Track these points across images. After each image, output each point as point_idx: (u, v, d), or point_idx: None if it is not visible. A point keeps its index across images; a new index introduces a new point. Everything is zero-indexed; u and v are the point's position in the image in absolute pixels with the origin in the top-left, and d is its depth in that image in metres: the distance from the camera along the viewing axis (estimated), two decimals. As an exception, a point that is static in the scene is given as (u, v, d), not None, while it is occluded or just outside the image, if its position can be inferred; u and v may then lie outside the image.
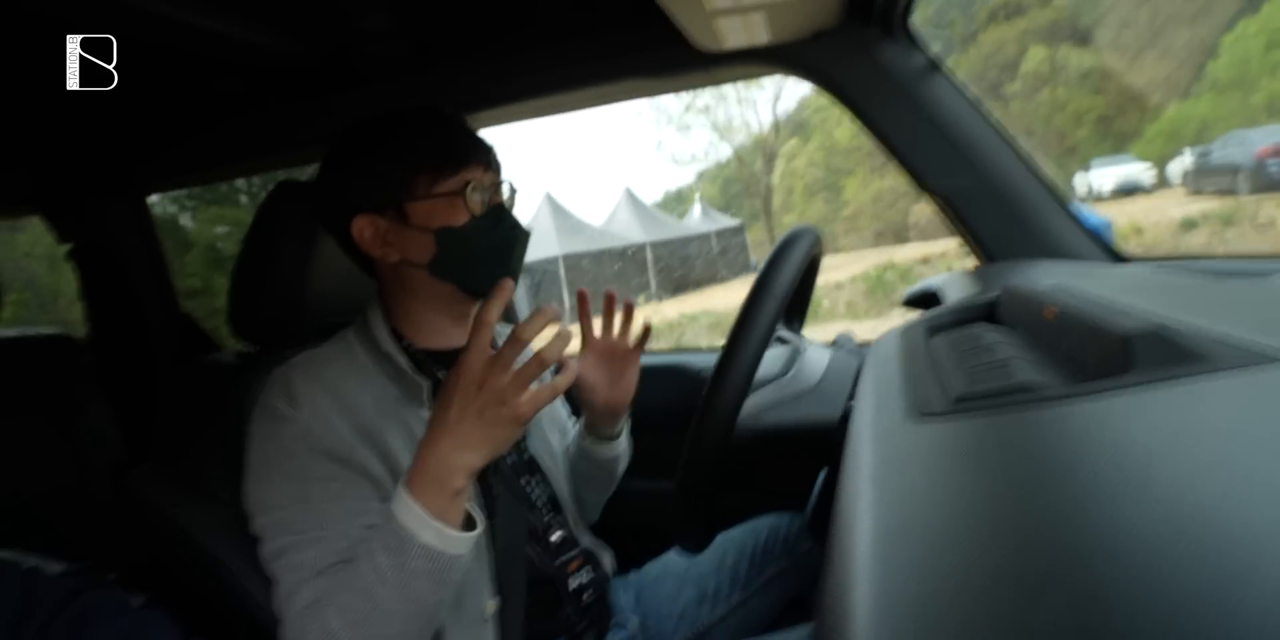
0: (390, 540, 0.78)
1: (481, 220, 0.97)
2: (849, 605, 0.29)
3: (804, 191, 14.55)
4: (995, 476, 0.34)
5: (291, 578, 0.84)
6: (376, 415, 0.93)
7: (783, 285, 0.82)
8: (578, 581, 1.08)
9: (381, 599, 0.77)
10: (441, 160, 0.96)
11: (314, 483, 0.87)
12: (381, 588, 0.77)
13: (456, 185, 0.96)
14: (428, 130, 0.98)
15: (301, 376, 0.93)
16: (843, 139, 14.11)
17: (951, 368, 0.59)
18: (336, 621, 0.78)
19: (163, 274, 2.27)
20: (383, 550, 0.78)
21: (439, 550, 0.78)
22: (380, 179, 0.97)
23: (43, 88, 1.32)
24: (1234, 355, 0.41)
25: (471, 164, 0.98)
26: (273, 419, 0.91)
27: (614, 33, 1.38)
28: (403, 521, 0.77)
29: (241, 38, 1.29)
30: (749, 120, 14.74)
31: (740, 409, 0.80)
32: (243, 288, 1.13)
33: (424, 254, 0.97)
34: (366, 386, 0.96)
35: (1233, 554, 0.22)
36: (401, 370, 0.98)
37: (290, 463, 0.88)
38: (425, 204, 0.96)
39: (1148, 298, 0.63)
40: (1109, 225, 1.26)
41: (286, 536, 0.86)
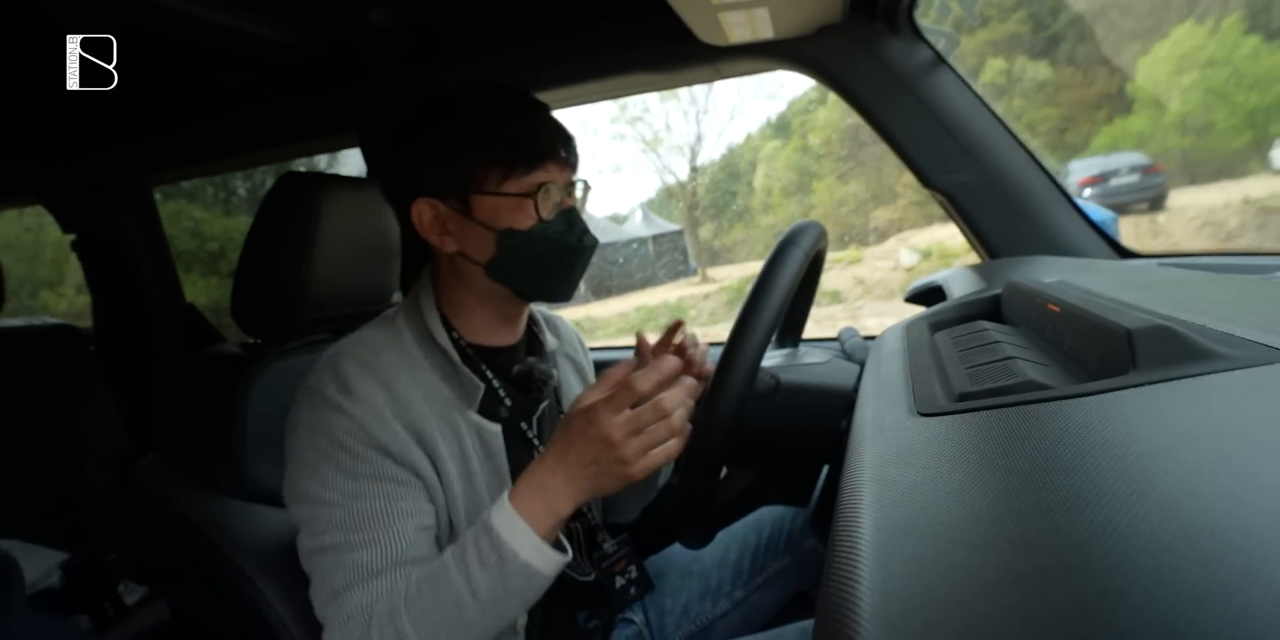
0: (489, 555, 0.76)
1: (550, 225, 0.92)
2: (851, 601, 0.29)
3: (780, 193, 14.73)
4: (998, 473, 0.34)
5: (342, 577, 0.81)
6: (427, 414, 0.89)
7: (785, 278, 0.82)
8: (624, 580, 1.07)
9: (468, 611, 0.76)
10: (518, 156, 0.90)
11: (367, 480, 0.83)
12: (472, 601, 0.76)
13: (529, 186, 0.91)
14: (509, 118, 0.91)
15: (355, 367, 0.88)
16: (817, 143, 14.32)
17: (954, 364, 0.59)
18: (411, 629, 0.76)
19: (167, 265, 2.27)
20: (479, 563, 0.77)
21: (537, 570, 0.77)
22: (450, 164, 0.92)
23: (48, 78, 1.32)
24: (1237, 353, 0.41)
25: (548, 162, 0.92)
26: (325, 408, 0.86)
27: (618, 27, 1.37)
28: (506, 538, 0.76)
29: (246, 30, 1.28)
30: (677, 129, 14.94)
31: (743, 404, 0.80)
32: (245, 279, 1.13)
33: (483, 252, 0.93)
34: (417, 382, 0.91)
35: (1236, 551, 0.22)
36: (456, 367, 0.94)
37: (344, 457, 0.84)
38: (493, 200, 0.91)
39: (1151, 294, 0.63)
40: (1115, 219, 1.24)
41: (337, 533, 0.82)
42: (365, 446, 0.84)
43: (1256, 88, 8.53)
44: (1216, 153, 8.65)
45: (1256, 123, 8.41)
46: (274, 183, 1.14)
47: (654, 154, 14.88)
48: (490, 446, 0.95)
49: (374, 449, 0.84)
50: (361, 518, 0.82)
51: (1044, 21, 11.16)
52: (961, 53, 1.26)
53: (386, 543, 0.82)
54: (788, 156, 14.99)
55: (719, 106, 17.36)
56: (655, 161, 15.24)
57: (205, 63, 1.51)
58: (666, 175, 14.93)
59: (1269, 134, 8.23)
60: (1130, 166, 9.24)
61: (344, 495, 0.83)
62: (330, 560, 0.82)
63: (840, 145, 13.83)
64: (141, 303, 2.23)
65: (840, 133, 13.86)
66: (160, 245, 2.27)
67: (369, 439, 0.84)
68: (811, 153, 14.48)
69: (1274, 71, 8.60)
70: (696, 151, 14.49)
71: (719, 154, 17.69)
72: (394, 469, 0.85)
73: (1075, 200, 1.26)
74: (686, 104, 14.48)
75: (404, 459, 0.86)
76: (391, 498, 0.84)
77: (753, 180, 15.54)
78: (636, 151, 15.06)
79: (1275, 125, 8.29)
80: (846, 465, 0.47)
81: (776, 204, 14.54)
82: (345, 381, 0.86)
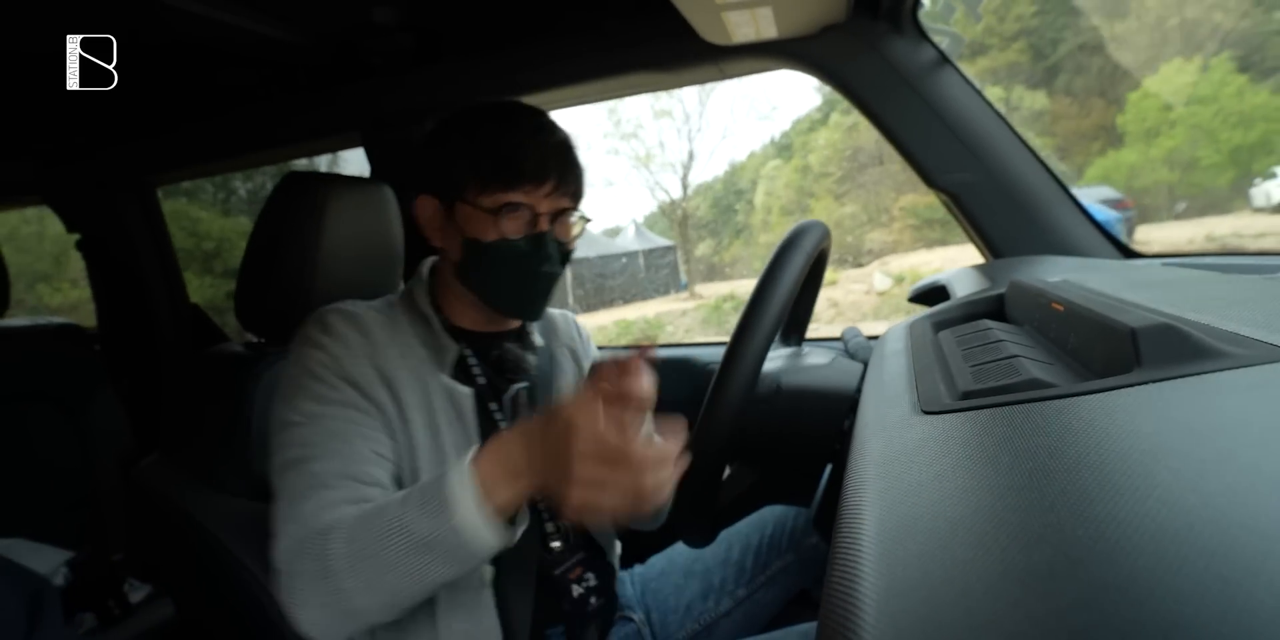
0: (432, 502, 0.76)
1: (512, 244, 0.96)
2: (855, 600, 0.29)
3: (780, 211, 14.87)
4: (1001, 471, 0.34)
5: (300, 483, 0.84)
6: (399, 366, 0.95)
7: (789, 277, 0.82)
8: (581, 588, 1.05)
9: (391, 550, 0.76)
10: (494, 174, 0.94)
11: (333, 404, 0.89)
12: (399, 540, 0.76)
13: (495, 203, 0.94)
14: (502, 137, 0.95)
15: (338, 315, 0.97)
16: (817, 163, 14.45)
17: (958, 363, 0.59)
18: (339, 549, 0.76)
19: (171, 265, 2.27)
20: (419, 506, 0.77)
21: (469, 532, 0.75)
22: (443, 169, 0.98)
23: (52, 78, 1.33)
24: (1241, 351, 0.41)
25: (527, 185, 0.94)
26: (305, 345, 0.94)
27: (622, 26, 1.37)
28: (454, 490, 0.76)
29: (250, 29, 1.29)
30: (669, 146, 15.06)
31: (745, 404, 0.80)
32: (250, 278, 1.13)
33: (455, 254, 1.00)
34: (395, 340, 0.97)
35: (1240, 548, 0.22)
36: (435, 333, 1.01)
37: (314, 385, 0.90)
38: (467, 209, 0.96)
39: (1155, 293, 0.63)
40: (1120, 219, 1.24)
41: (300, 448, 0.87)
42: (334, 376, 0.91)
43: (1241, 126, 8.78)
44: (1202, 188, 8.90)
45: (1239, 160, 8.66)
46: (278, 182, 1.14)
47: (646, 171, 14.94)
48: (460, 408, 0.98)
49: (342, 379, 0.91)
50: (321, 434, 0.87)
51: (1044, 52, 11.38)
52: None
53: (342, 458, 0.86)
54: (787, 176, 15.18)
55: (711, 125, 17.40)
56: (647, 178, 15.31)
57: (209, 62, 1.51)
58: (658, 192, 15.03)
59: (1252, 172, 8.44)
60: (1101, 200, 9.73)
61: (309, 417, 0.88)
62: (290, 474, 0.86)
63: (838, 166, 13.95)
64: (146, 302, 2.23)
65: (839, 154, 13.99)
66: (165, 245, 2.28)
67: (339, 370, 0.91)
68: (811, 173, 14.64)
69: (1258, 110, 8.84)
70: (688, 169, 14.69)
71: (721, 170, 17.81)
72: (358, 399, 0.91)
73: (1079, 200, 1.26)
74: (680, 122, 14.70)
75: (369, 393, 0.91)
76: (352, 422, 0.89)
77: (754, 198, 15.72)
78: (630, 167, 15.14)
79: (1258, 163, 8.48)
80: (850, 463, 0.47)
81: (776, 222, 14.72)
82: (326, 324, 0.95)
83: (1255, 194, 8.08)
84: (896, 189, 12.84)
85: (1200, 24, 9.91)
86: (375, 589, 0.77)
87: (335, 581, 0.76)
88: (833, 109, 14.72)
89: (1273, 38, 9.09)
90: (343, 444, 0.87)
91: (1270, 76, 8.86)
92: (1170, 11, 10.19)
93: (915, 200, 12.20)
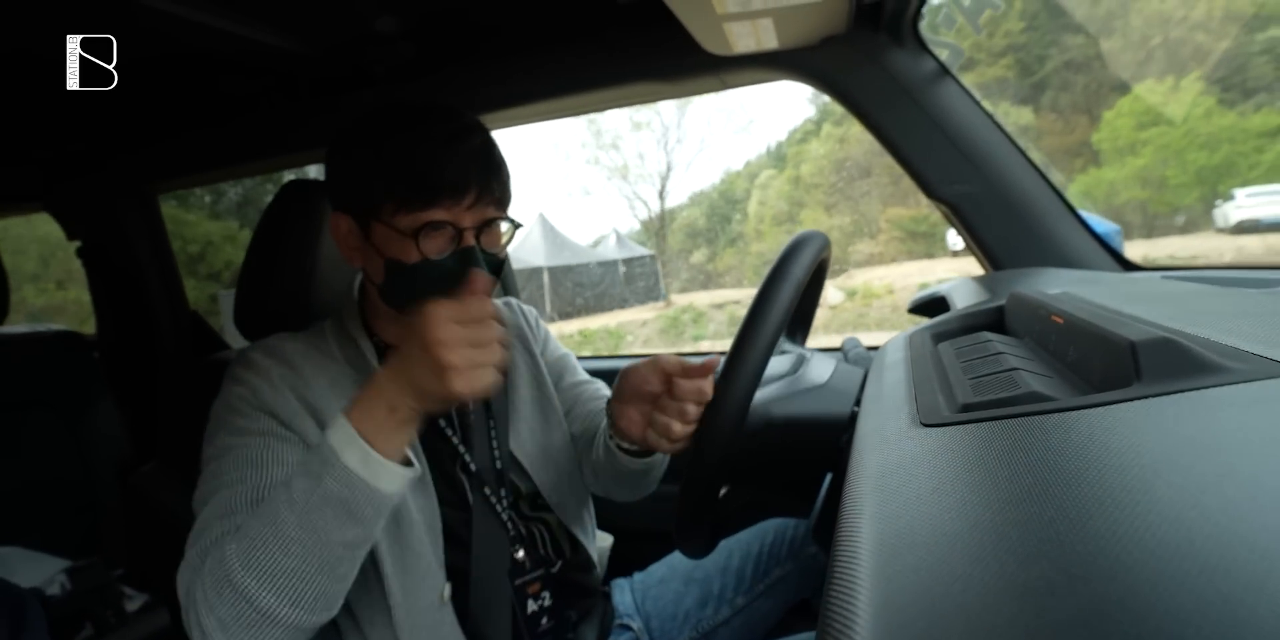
0: (313, 463, 0.74)
1: (437, 264, 0.89)
2: (853, 613, 0.29)
3: (772, 221, 15.01)
4: (1000, 485, 0.34)
5: (206, 514, 0.81)
6: (328, 396, 0.92)
7: (789, 288, 0.82)
8: (535, 605, 1.01)
9: (284, 525, 0.72)
10: (409, 192, 0.86)
11: (251, 435, 0.87)
12: (288, 511, 0.72)
13: (414, 223, 0.87)
14: (414, 148, 0.87)
15: (261, 351, 0.95)
16: (808, 174, 14.62)
17: (957, 375, 0.59)
18: (232, 548, 0.72)
19: (171, 272, 2.27)
20: (302, 474, 0.74)
21: (359, 475, 0.73)
22: (352, 186, 0.92)
23: (52, 85, 1.33)
24: (1241, 366, 0.41)
25: (446, 201, 0.87)
26: (228, 383, 0.93)
27: (623, 36, 1.38)
28: (331, 440, 0.74)
29: (251, 37, 1.29)
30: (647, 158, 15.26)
31: (746, 412, 0.80)
32: (249, 286, 1.13)
33: (377, 275, 0.94)
34: (324, 369, 0.95)
35: (1241, 564, 0.22)
36: (364, 359, 0.98)
37: (234, 418, 0.88)
38: (383, 230, 0.89)
39: (1155, 307, 0.63)
40: (1119, 232, 1.24)
41: (212, 480, 0.84)
42: (254, 409, 0.89)
43: (1206, 147, 9.05)
44: (1171, 207, 9.14)
45: (1205, 180, 8.92)
46: (278, 191, 1.14)
47: (624, 181, 15.07)
48: None
49: (261, 411, 0.89)
50: (235, 461, 0.85)
51: (1031, 68, 11.61)
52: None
53: (251, 483, 0.83)
54: (780, 186, 15.33)
55: (690, 137, 17.60)
56: (626, 189, 15.43)
57: (210, 70, 1.52)
58: (636, 202, 15.15)
59: (1216, 192, 8.68)
60: None
61: (226, 449, 0.86)
62: (204, 511, 0.82)
63: (828, 178, 14.07)
64: (146, 309, 2.23)
65: (830, 165, 14.10)
66: (165, 252, 2.28)
67: (259, 403, 0.89)
68: (802, 184, 14.78)
69: (1224, 132, 9.10)
70: (665, 180, 14.84)
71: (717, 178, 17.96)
72: (277, 428, 0.89)
73: (1078, 212, 1.26)
74: (659, 133, 14.83)
75: (291, 424, 0.89)
76: (270, 448, 0.86)
77: (748, 207, 15.86)
78: (609, 177, 15.26)
79: (1222, 184, 8.69)
80: (849, 475, 0.47)
81: (768, 232, 14.86)
82: (249, 360, 0.94)
83: (1217, 215, 8.24)
84: (884, 201, 13.06)
85: (1183, 43, 10.14)
86: (277, 577, 0.72)
87: (236, 583, 0.71)
88: (825, 119, 14.89)
89: (1254, 58, 9.29)
90: (255, 471, 0.84)
91: (1252, 97, 9.09)
92: (1154, 31, 10.42)
93: (901, 213, 12.45)
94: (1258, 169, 8.70)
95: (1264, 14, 9.34)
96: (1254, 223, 7.58)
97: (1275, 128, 8.92)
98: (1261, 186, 8.31)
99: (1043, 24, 11.60)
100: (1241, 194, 8.03)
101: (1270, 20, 9.26)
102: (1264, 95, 9.01)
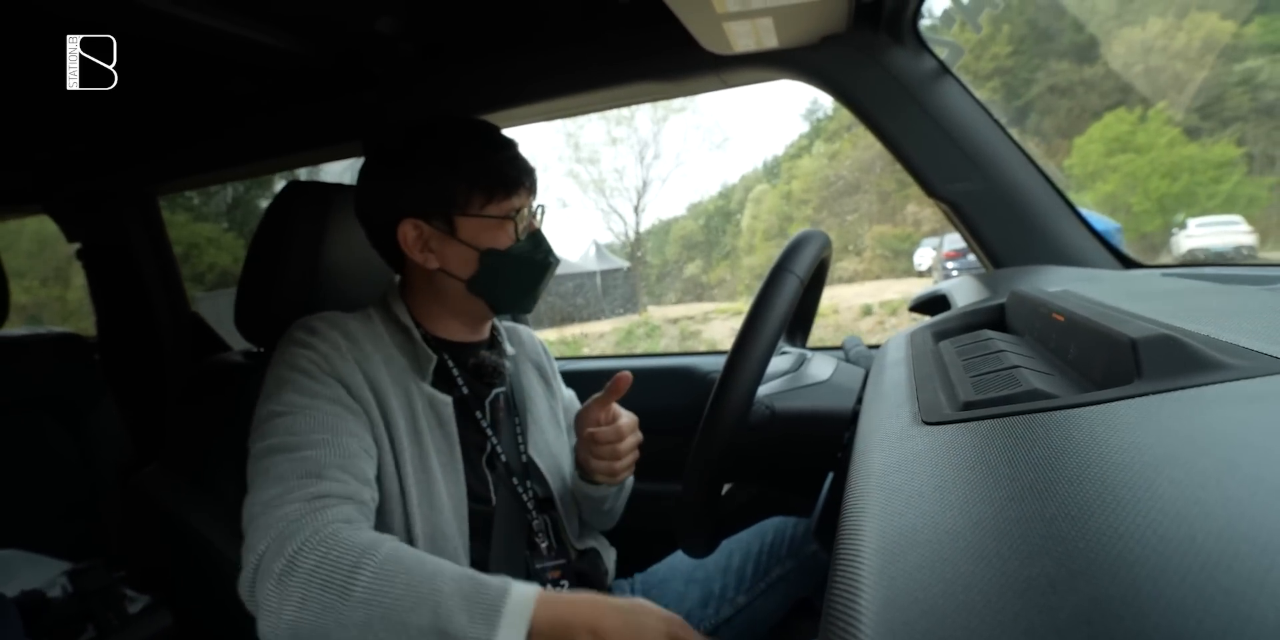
0: (479, 607, 0.73)
1: (523, 245, 1.04)
2: (855, 612, 0.29)
3: (763, 235, 15.22)
4: (1002, 482, 0.34)
5: (292, 468, 0.82)
6: (384, 374, 0.97)
7: (791, 283, 0.82)
8: (557, 591, 1.04)
9: (407, 616, 0.72)
10: (499, 183, 1.01)
11: (321, 399, 0.90)
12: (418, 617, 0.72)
13: (508, 209, 1.02)
14: (489, 150, 1.02)
15: (323, 321, 0.99)
16: (798, 190, 14.80)
17: (958, 373, 0.59)
18: (366, 578, 0.73)
19: (172, 274, 2.27)
20: (463, 602, 0.73)
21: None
22: (436, 188, 1.01)
23: (52, 87, 1.33)
24: (1242, 363, 0.41)
25: (522, 190, 1.03)
26: (291, 346, 0.95)
27: (623, 36, 1.38)
28: (510, 610, 0.73)
29: (252, 39, 1.29)
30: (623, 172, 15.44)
31: (748, 413, 0.80)
32: (251, 288, 1.13)
33: (465, 269, 1.02)
34: (378, 347, 0.99)
35: (1242, 560, 0.22)
36: (415, 342, 1.02)
37: (302, 379, 0.91)
38: (476, 221, 1.01)
39: (1155, 304, 0.63)
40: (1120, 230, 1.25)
41: (287, 436, 0.85)
42: (323, 373, 0.92)
43: (1168, 176, 9.41)
44: (1137, 234, 9.37)
45: (1167, 208, 9.25)
46: (280, 192, 1.14)
47: (600, 195, 15.19)
48: (441, 415, 1.01)
49: (331, 376, 0.92)
50: (311, 423, 0.87)
51: (1017, 91, 11.88)
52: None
53: (334, 449, 0.85)
54: (772, 200, 15.51)
55: (665, 154, 17.69)
56: (602, 202, 15.55)
57: (210, 71, 1.52)
58: (612, 216, 15.24)
59: (1175, 221, 9.00)
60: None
61: (298, 408, 0.88)
62: (278, 459, 0.84)
63: (817, 194, 14.19)
64: (146, 311, 2.23)
65: (819, 182, 14.24)
66: (165, 254, 2.28)
67: (329, 368, 0.92)
68: (793, 199, 14.93)
69: (1185, 162, 9.48)
70: (643, 195, 14.99)
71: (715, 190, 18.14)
72: (347, 398, 0.91)
73: (1079, 210, 1.26)
74: (638, 148, 15.01)
75: (358, 394, 0.92)
76: (341, 417, 0.89)
77: (742, 220, 16.03)
78: (586, 189, 15.40)
79: (1183, 213, 8.99)
80: (851, 473, 0.47)
81: (759, 246, 15.04)
82: (312, 328, 0.97)
83: (1174, 243, 8.54)
84: (870, 218, 13.19)
85: (1162, 71, 10.46)
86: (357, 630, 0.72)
87: (337, 607, 0.72)
88: (817, 136, 15.06)
89: (1231, 89, 9.62)
90: (333, 436, 0.87)
91: (1230, 126, 9.45)
92: (1136, 58, 10.78)
93: (885, 231, 12.73)
94: (1215, 199, 9.12)
95: (1241, 45, 9.71)
96: (1204, 252, 7.93)
97: (1232, 158, 9.37)
98: (1211, 217, 8.69)
99: (1029, 48, 11.92)
100: (1193, 223, 8.39)
101: (1247, 51, 9.63)
102: (1240, 125, 9.39)
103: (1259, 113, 9.41)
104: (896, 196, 12.95)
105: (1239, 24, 9.85)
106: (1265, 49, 9.48)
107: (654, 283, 15.71)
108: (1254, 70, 9.41)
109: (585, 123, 14.88)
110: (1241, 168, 9.40)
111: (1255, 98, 9.45)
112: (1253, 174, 9.46)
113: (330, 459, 0.84)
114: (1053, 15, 12.04)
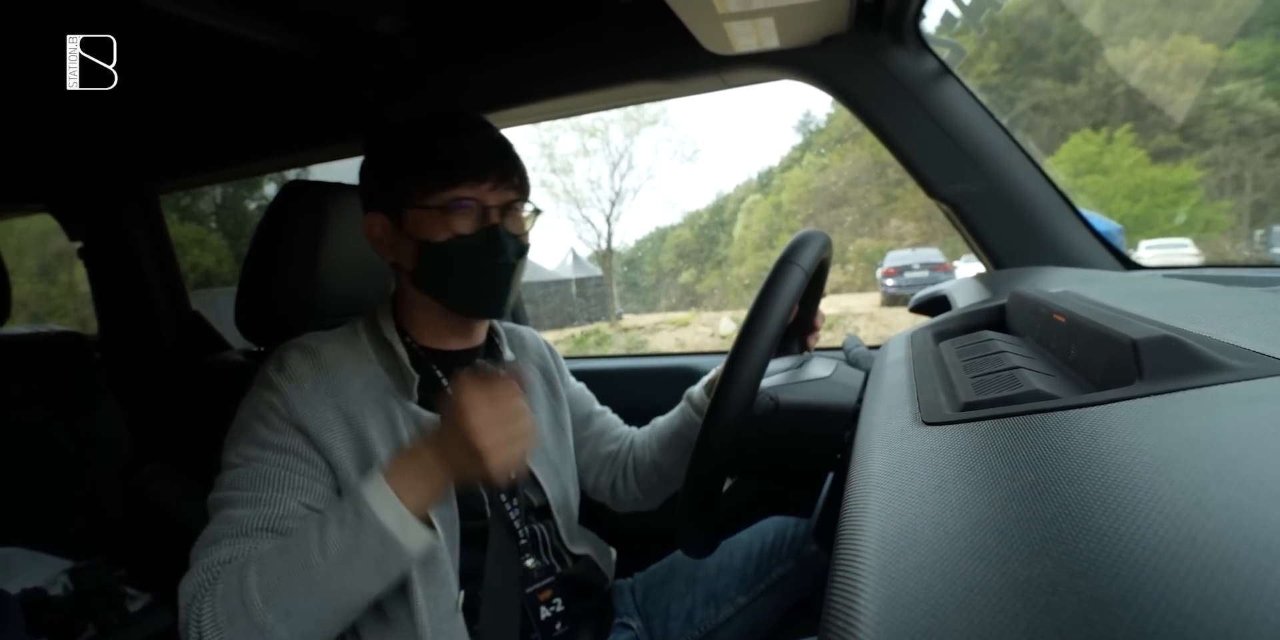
0: (348, 514, 0.79)
1: (465, 240, 0.96)
2: (855, 612, 0.29)
3: (753, 246, 15.36)
4: (1002, 483, 0.34)
5: (217, 529, 0.84)
6: (362, 400, 0.95)
7: (795, 278, 0.82)
8: (549, 612, 1.04)
9: (314, 569, 0.77)
10: (434, 172, 0.95)
11: (272, 450, 0.89)
12: (320, 558, 0.77)
13: (442, 200, 0.96)
14: (435, 138, 0.98)
15: (298, 352, 0.96)
16: (788, 201, 14.94)
17: (959, 374, 0.59)
18: (254, 581, 0.77)
19: (173, 273, 2.27)
20: (336, 522, 0.79)
21: (393, 535, 0.79)
22: (385, 181, 1.00)
23: (54, 85, 1.33)
24: (1243, 364, 0.41)
25: (470, 180, 0.96)
26: (260, 386, 0.94)
27: (625, 36, 1.38)
28: (369, 499, 0.79)
29: (254, 38, 1.29)
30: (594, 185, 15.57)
31: (751, 405, 0.80)
32: (250, 287, 1.13)
33: (409, 262, 1.00)
34: (358, 370, 0.97)
35: (1243, 561, 0.22)
36: (399, 361, 1.00)
37: (259, 427, 0.90)
38: (415, 213, 0.97)
39: (1156, 305, 0.63)
40: (1121, 231, 1.24)
41: (229, 491, 0.87)
42: (282, 421, 0.90)
43: (1130, 197, 9.60)
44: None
45: (1128, 230, 9.65)
46: (279, 191, 1.14)
47: (573, 205, 15.28)
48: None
49: (289, 424, 0.90)
50: (252, 479, 0.87)
51: (1001, 109, 11.98)
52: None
53: (266, 506, 0.86)
54: (763, 211, 15.65)
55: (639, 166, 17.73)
56: (575, 212, 15.63)
57: (212, 70, 1.52)
58: (585, 226, 15.40)
59: (1134, 241, 9.00)
60: (923, 263, 10.72)
61: (247, 459, 0.89)
62: (214, 515, 0.86)
63: (805, 206, 14.29)
64: (147, 310, 2.24)
65: (807, 193, 14.33)
66: (166, 253, 2.28)
67: (288, 415, 0.91)
68: (782, 210, 15.03)
69: (1147, 185, 9.70)
70: (615, 205, 15.12)
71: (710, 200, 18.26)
72: (303, 447, 0.90)
73: (1080, 211, 1.26)
74: (614, 158, 15.10)
75: (318, 439, 0.91)
76: (289, 469, 0.89)
77: (734, 230, 16.18)
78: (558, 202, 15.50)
79: (1140, 235, 9.20)
80: (851, 474, 0.47)
81: (749, 256, 15.18)
82: (284, 363, 0.95)
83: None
84: (854, 231, 13.29)
85: (1143, 93, 10.68)
86: (294, 615, 0.76)
87: (255, 617, 0.75)
88: (808, 148, 15.19)
89: (1210, 111, 9.80)
90: (273, 492, 0.87)
91: (1210, 147, 9.67)
92: (1117, 79, 11.03)
93: (867, 244, 13.01)
94: (1171, 222, 9.43)
95: (1221, 69, 9.86)
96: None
97: (1191, 182, 9.66)
98: (1160, 239, 8.87)
99: (1015, 66, 12.11)
100: (1143, 245, 8.43)
101: (1226, 74, 9.80)
102: (1220, 146, 9.58)
103: (1238, 134, 9.64)
104: (881, 211, 13.04)
105: (1220, 48, 10.09)
106: (1245, 73, 9.68)
107: (647, 290, 15.85)
108: (1233, 93, 9.62)
109: (560, 133, 14.99)
110: (1200, 191, 9.71)
111: (1234, 120, 9.66)
112: (1225, 196, 9.71)
113: (259, 517, 0.85)
114: (1039, 34, 12.25)
